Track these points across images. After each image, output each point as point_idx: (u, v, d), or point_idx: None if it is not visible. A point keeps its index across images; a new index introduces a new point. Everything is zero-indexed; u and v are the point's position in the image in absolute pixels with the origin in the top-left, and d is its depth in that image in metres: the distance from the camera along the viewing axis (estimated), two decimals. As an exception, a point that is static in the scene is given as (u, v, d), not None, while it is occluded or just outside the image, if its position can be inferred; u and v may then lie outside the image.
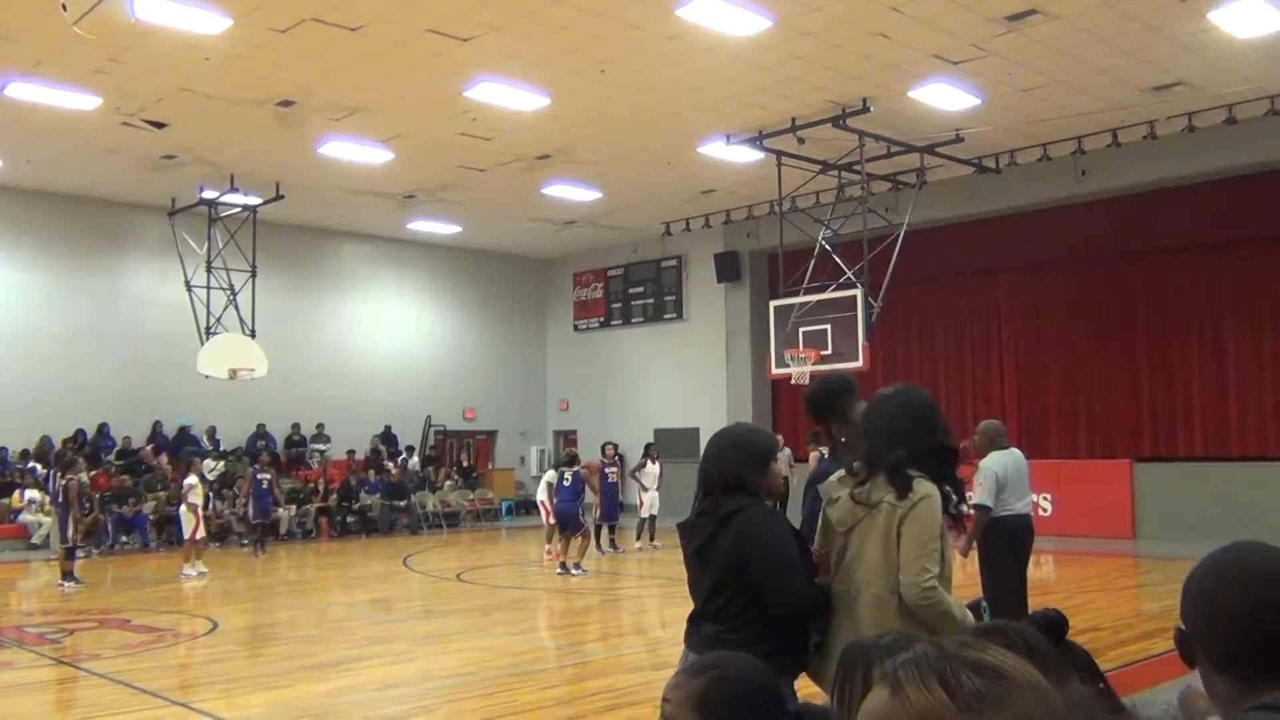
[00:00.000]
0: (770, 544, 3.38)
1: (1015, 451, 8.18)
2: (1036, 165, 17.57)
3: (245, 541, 18.40)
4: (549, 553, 16.57)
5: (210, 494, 18.95)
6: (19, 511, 18.41)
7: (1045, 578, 13.53)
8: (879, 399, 3.57)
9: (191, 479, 15.31)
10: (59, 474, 14.64)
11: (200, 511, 15.19)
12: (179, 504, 15.56)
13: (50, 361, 19.73)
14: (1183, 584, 1.65)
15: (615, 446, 17.81)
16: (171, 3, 11.27)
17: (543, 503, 16.70)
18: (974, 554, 7.89)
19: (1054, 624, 1.87)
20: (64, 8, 9.33)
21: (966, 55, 13.35)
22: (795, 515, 4.11)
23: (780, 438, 18.94)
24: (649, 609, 12.79)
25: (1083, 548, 16.03)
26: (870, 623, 3.24)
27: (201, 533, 15.30)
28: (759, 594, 3.35)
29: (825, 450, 4.25)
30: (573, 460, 15.94)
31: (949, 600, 3.29)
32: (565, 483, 15.36)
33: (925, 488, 3.34)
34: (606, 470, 17.07)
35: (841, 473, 3.53)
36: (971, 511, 7.35)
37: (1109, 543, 16.64)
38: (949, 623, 3.21)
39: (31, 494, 18.28)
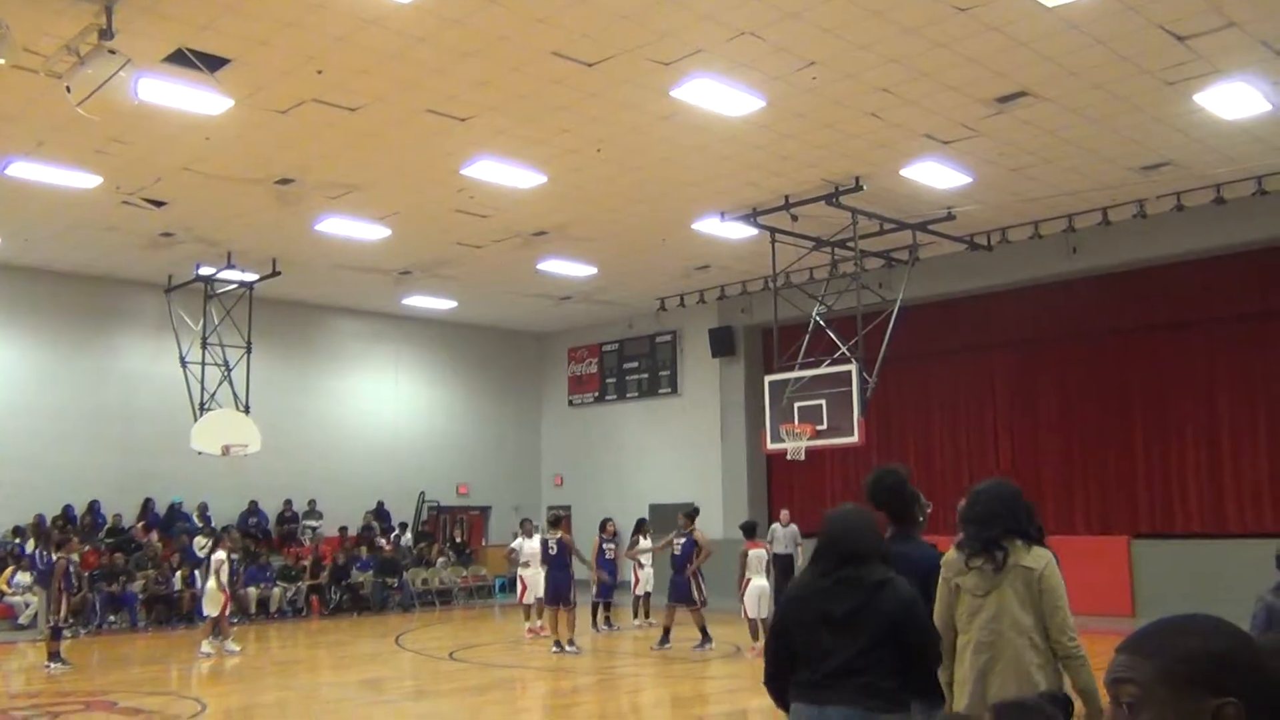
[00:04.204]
0: (922, 609, 4.04)
1: None
2: (1028, 243, 17.74)
3: (234, 620, 18.14)
4: (530, 630, 16.37)
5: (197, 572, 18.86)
6: (3, 594, 18.10)
7: (1045, 656, 13.35)
8: (975, 493, 4.47)
9: (220, 554, 15.09)
10: (45, 551, 14.44)
11: (229, 589, 15.09)
12: (205, 580, 15.28)
13: (42, 438, 19.63)
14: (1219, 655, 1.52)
15: (612, 523, 17.68)
16: (174, 84, 11.44)
17: (522, 577, 16.59)
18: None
19: (1060, 705, 1.85)
20: (68, 89, 9.45)
21: (957, 135, 13.56)
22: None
23: (786, 512, 18.92)
24: (644, 688, 12.60)
25: (1081, 625, 15.81)
26: (1024, 662, 4.16)
27: (230, 608, 15.25)
28: (907, 649, 3.89)
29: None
30: (557, 523, 15.65)
31: (1085, 650, 4.18)
32: (551, 551, 15.08)
33: (1043, 553, 4.28)
34: (605, 547, 16.92)
35: (952, 553, 4.41)
36: None
37: (1108, 620, 16.46)
38: (1083, 668, 4.13)
39: (21, 576, 18.00)
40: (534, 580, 16.11)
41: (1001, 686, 4.16)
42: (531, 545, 16.36)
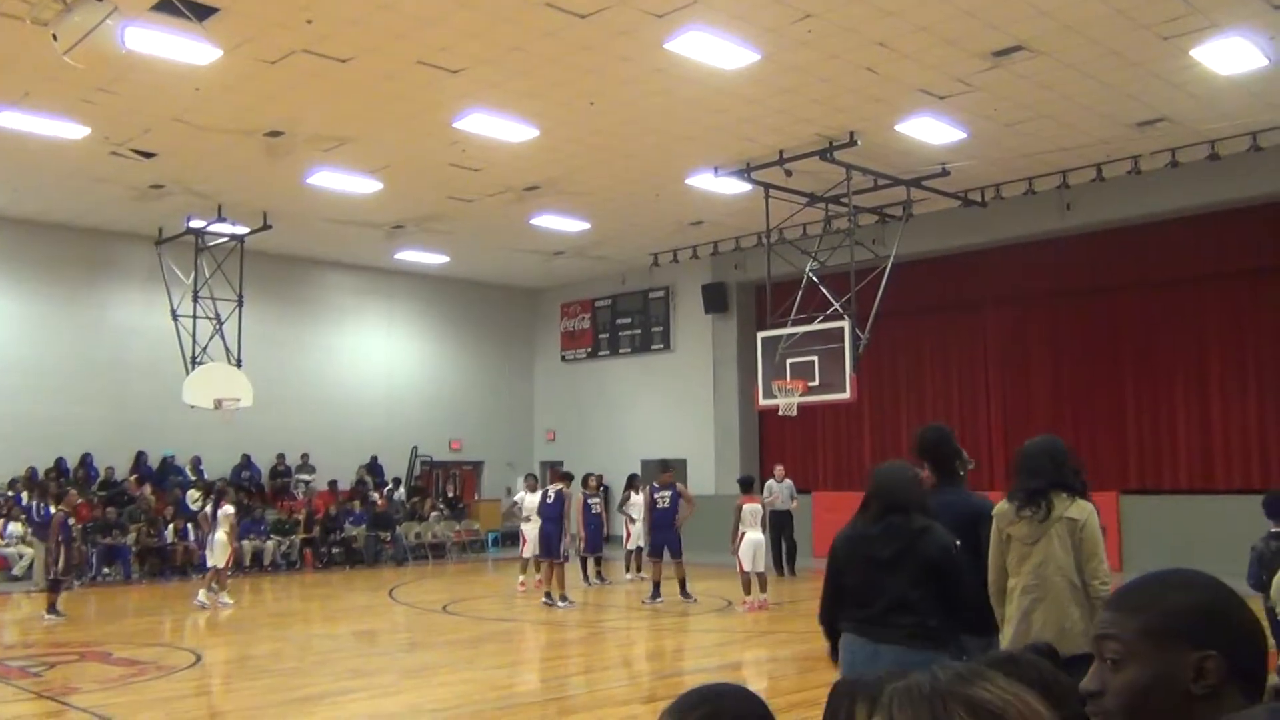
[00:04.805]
0: (958, 554, 4.46)
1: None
2: (1022, 199, 17.69)
3: (229, 573, 18.19)
4: (523, 584, 16.48)
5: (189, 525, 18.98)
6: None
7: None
8: (1025, 448, 4.90)
9: (228, 508, 15.17)
10: (41, 504, 14.44)
11: (233, 542, 15.24)
12: (211, 532, 15.34)
13: (33, 391, 19.60)
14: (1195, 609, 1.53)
15: (599, 478, 17.68)
16: (162, 33, 11.30)
17: (523, 531, 16.67)
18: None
19: (1043, 653, 1.87)
20: (54, 37, 9.33)
21: (952, 90, 13.47)
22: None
23: (781, 468, 18.96)
24: (636, 641, 12.71)
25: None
26: (1065, 603, 4.58)
27: (230, 562, 15.47)
28: (946, 589, 4.34)
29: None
30: (565, 477, 15.72)
31: None
32: (548, 500, 15.18)
33: (1086, 506, 4.68)
34: (590, 501, 16.94)
35: (1004, 505, 4.83)
36: None
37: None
38: None
39: (14, 527, 18.04)
40: (534, 535, 16.23)
41: (1044, 624, 4.61)
42: (533, 500, 16.43)
